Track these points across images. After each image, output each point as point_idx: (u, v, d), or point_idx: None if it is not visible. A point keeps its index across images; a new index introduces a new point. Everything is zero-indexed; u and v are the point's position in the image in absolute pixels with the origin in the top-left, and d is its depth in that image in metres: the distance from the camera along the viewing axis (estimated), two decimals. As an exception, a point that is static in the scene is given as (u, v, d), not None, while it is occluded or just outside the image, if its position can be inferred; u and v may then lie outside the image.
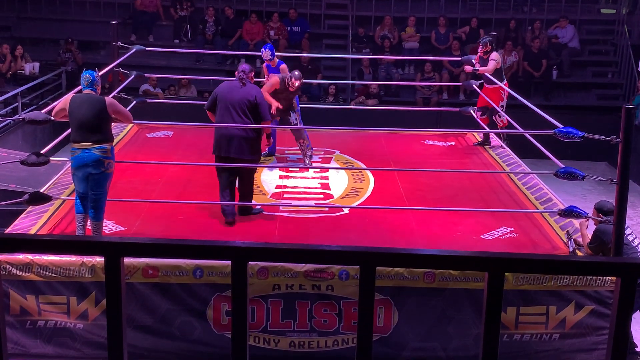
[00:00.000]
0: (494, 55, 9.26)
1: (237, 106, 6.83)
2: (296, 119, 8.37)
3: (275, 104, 7.94)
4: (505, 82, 9.37)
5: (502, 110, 9.28)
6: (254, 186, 7.58)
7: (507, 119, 9.20)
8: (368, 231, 6.86)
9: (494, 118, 9.52)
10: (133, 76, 9.76)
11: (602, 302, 6.15)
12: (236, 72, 7.08)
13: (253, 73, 7.19)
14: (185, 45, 14.45)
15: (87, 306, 6.07)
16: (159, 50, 12.36)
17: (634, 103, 12.80)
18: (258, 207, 7.25)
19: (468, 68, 9.66)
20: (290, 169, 8.52)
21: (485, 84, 9.58)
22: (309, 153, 8.53)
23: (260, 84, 8.34)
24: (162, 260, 5.93)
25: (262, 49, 8.67)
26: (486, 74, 9.32)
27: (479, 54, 9.48)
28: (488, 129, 9.52)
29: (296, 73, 8.13)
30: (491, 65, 9.19)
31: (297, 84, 8.03)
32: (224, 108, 6.86)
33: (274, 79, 8.16)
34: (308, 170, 8.43)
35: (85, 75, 6.27)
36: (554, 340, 6.22)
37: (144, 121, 9.03)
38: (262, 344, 6.17)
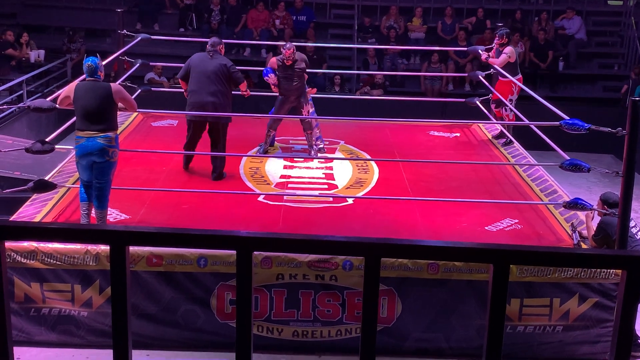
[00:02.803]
0: (508, 49, 9.17)
1: (212, 75, 7.47)
2: (308, 112, 8.33)
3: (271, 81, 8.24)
4: (519, 76, 9.26)
5: (511, 104, 9.21)
6: (259, 175, 7.60)
7: (513, 115, 9.14)
8: (372, 222, 6.86)
9: (501, 111, 9.47)
10: (138, 64, 9.75)
11: (606, 294, 6.15)
12: (207, 46, 7.71)
13: (222, 46, 7.71)
14: (191, 34, 14.42)
15: (91, 294, 6.09)
16: (164, 39, 12.33)
17: (636, 94, 12.78)
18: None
19: (484, 56, 9.57)
20: (294, 159, 8.52)
21: (499, 77, 9.51)
22: (320, 146, 8.54)
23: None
24: (166, 249, 5.94)
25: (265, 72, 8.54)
26: (499, 67, 9.24)
27: (495, 45, 9.41)
28: (494, 120, 9.49)
29: (286, 45, 8.24)
30: (502, 58, 9.11)
31: (287, 53, 8.08)
32: (198, 77, 7.51)
33: (272, 59, 8.36)
34: (312, 161, 8.42)
35: (88, 64, 6.23)
36: (557, 332, 6.22)
37: (149, 110, 9.04)
38: (265, 333, 6.18)
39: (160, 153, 8.16)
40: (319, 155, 8.52)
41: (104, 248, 5.92)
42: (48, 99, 6.92)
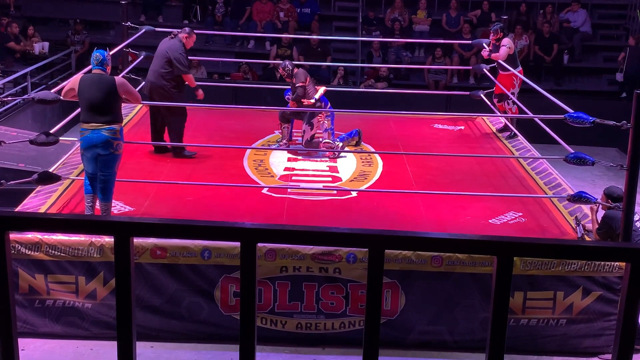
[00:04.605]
0: (505, 41, 9.14)
1: (159, 55, 7.91)
2: (304, 131, 8.31)
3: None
4: (519, 68, 9.21)
5: (513, 97, 9.17)
6: (263, 168, 7.60)
7: (516, 108, 9.10)
8: (376, 215, 6.86)
9: (503, 105, 9.44)
10: (142, 57, 9.74)
11: (609, 288, 6.15)
12: None
13: (187, 35, 8.02)
14: (195, 26, 14.30)
15: (95, 286, 6.11)
16: (169, 31, 12.29)
17: None
18: (190, 152, 8.03)
19: (485, 53, 9.55)
20: (298, 151, 8.51)
21: (499, 70, 9.47)
22: (324, 140, 8.54)
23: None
24: (171, 241, 5.95)
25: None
26: (499, 60, 9.20)
27: (491, 40, 9.38)
28: (498, 113, 9.47)
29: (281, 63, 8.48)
30: (503, 51, 9.07)
31: (280, 72, 8.37)
32: (154, 56, 8.03)
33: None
34: (316, 153, 8.41)
35: (96, 55, 6.26)
36: (560, 326, 6.22)
37: (153, 102, 9.02)
38: (269, 325, 6.20)
39: (164, 145, 8.16)
40: (321, 148, 8.50)
41: (108, 240, 5.93)
42: (52, 91, 6.92)
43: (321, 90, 8.40)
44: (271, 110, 8.87)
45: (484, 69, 10.17)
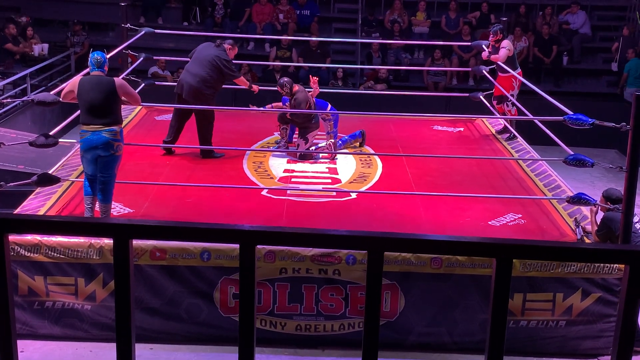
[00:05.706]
0: (505, 42, 9.13)
1: (204, 60, 7.91)
2: (298, 145, 8.31)
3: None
4: (518, 70, 9.21)
5: (512, 99, 9.16)
6: (262, 169, 7.60)
7: (516, 110, 9.09)
8: (375, 216, 6.86)
9: (503, 107, 9.43)
10: (142, 58, 9.75)
11: (609, 289, 6.15)
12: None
13: (230, 47, 8.04)
14: (194, 28, 14.40)
15: (94, 287, 6.10)
16: (168, 33, 12.31)
17: (626, 70, 12.94)
18: (219, 153, 8.14)
19: (485, 54, 9.55)
20: (297, 153, 8.51)
21: (498, 72, 9.47)
22: (323, 143, 8.55)
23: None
24: (170, 242, 5.94)
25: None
26: (498, 62, 9.20)
27: (490, 42, 9.38)
28: (498, 115, 9.47)
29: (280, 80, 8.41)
30: (502, 53, 9.07)
31: (278, 88, 8.32)
32: (193, 59, 8.08)
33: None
34: (316, 154, 8.41)
35: (95, 56, 6.25)
36: (560, 327, 6.22)
37: (153, 104, 9.04)
38: (268, 327, 6.19)
39: (163, 147, 8.16)
40: (321, 150, 8.51)
41: (108, 242, 5.93)
42: (52, 93, 6.92)
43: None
44: (270, 112, 8.86)
45: (484, 71, 10.18)
